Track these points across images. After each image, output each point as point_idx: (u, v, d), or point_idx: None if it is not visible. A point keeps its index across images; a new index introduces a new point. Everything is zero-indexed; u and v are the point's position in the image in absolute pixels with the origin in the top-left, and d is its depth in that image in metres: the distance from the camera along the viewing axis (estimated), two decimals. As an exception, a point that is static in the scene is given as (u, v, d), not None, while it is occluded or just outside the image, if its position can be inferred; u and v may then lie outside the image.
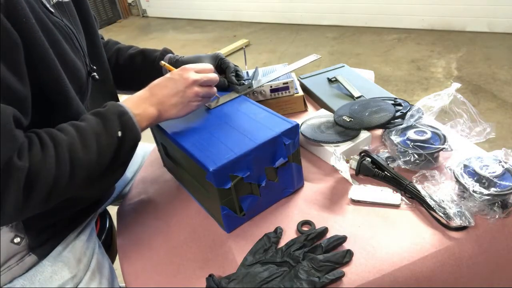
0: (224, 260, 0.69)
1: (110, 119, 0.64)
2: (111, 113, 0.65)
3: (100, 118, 0.64)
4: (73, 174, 0.58)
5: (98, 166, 0.62)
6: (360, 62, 3.24)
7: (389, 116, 0.88)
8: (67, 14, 0.72)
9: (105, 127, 0.63)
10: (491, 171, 0.69)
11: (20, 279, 0.70)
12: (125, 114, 0.66)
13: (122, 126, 0.64)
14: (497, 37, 3.31)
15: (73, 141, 0.59)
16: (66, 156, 0.57)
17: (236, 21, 4.73)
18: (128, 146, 0.66)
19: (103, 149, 0.62)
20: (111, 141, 0.63)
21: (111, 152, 0.63)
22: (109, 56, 0.95)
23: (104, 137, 0.62)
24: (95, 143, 0.61)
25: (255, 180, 0.72)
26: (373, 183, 0.80)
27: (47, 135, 0.58)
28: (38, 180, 0.54)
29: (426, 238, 0.67)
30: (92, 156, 0.60)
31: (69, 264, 0.74)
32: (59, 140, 0.58)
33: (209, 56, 0.93)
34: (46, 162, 0.55)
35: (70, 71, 0.67)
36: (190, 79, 0.73)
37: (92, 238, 0.82)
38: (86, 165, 0.60)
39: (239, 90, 0.90)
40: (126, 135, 0.65)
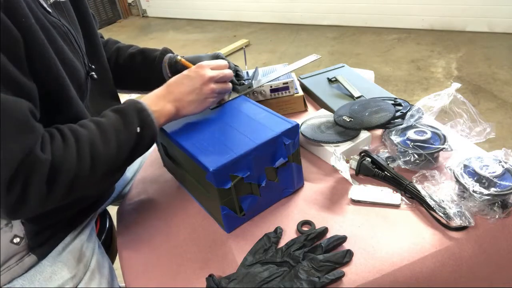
0: (224, 260, 0.69)
1: (130, 115, 0.66)
2: (131, 110, 0.67)
3: (119, 114, 0.66)
4: (94, 168, 0.60)
5: (117, 160, 0.64)
6: (360, 62, 3.24)
7: (389, 116, 0.88)
8: (64, 14, 0.72)
9: (125, 123, 0.65)
10: (491, 171, 0.69)
11: (20, 279, 0.70)
12: (143, 110, 0.67)
13: (141, 123, 0.66)
14: (497, 37, 3.31)
15: (93, 136, 0.61)
16: (87, 150, 0.59)
17: (236, 21, 4.73)
18: (146, 142, 0.67)
19: (122, 144, 0.63)
20: (130, 137, 0.65)
21: (130, 147, 0.65)
22: (108, 55, 0.95)
23: (124, 133, 0.64)
24: (114, 139, 0.63)
25: (255, 180, 0.72)
26: (373, 183, 0.80)
27: (68, 130, 0.60)
28: (61, 173, 0.55)
29: (426, 238, 0.67)
30: (112, 151, 0.62)
31: (68, 264, 0.74)
32: (80, 134, 0.60)
33: (209, 56, 0.93)
34: (68, 155, 0.57)
35: (69, 70, 0.67)
36: (207, 76, 0.75)
37: (92, 238, 0.82)
38: (106, 160, 0.61)
39: (239, 90, 0.90)
40: (144, 131, 0.66)
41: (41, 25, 0.61)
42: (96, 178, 0.61)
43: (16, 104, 0.53)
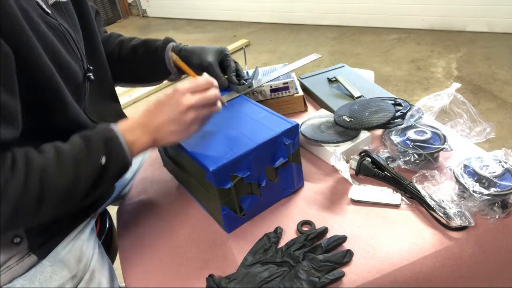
0: (224, 260, 0.69)
1: (95, 144, 0.61)
2: (98, 138, 0.62)
3: (85, 141, 0.61)
4: (42, 199, 0.56)
5: (74, 192, 0.59)
6: (360, 62, 3.24)
7: (389, 116, 0.88)
8: (64, 14, 0.71)
9: (88, 153, 0.60)
10: (491, 171, 0.69)
11: (20, 279, 0.70)
12: (113, 139, 0.62)
13: (107, 152, 0.61)
14: (497, 37, 3.31)
15: (47, 165, 0.57)
16: (36, 180, 0.55)
17: (236, 21, 4.73)
18: (113, 173, 0.63)
19: (81, 175, 0.59)
20: (92, 168, 0.60)
21: (91, 179, 0.60)
22: (111, 49, 0.94)
23: (84, 163, 0.59)
24: (72, 169, 0.58)
25: (255, 180, 0.72)
26: (373, 183, 0.80)
27: (22, 156, 0.56)
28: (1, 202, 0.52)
29: (426, 238, 0.67)
30: (66, 183, 0.58)
31: (68, 264, 0.74)
32: (32, 162, 0.56)
33: (214, 50, 0.90)
34: (13, 184, 0.53)
35: (65, 74, 0.66)
36: (184, 105, 0.66)
37: (92, 238, 0.82)
38: (59, 191, 0.57)
39: (239, 90, 0.90)
40: (111, 162, 0.61)
41: (36, 30, 0.60)
42: (46, 209, 0.57)
43: None
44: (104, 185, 0.63)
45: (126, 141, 0.64)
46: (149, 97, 3.35)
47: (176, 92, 0.67)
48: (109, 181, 0.64)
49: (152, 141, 0.67)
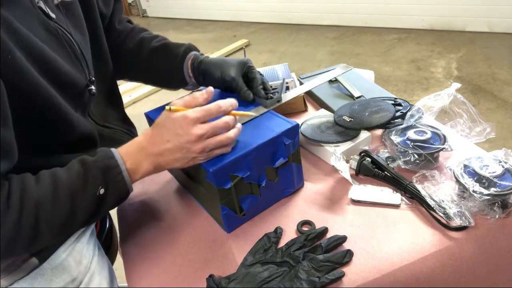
0: (224, 260, 0.69)
1: (93, 174, 0.59)
2: (96, 167, 0.60)
3: (84, 170, 0.59)
4: (37, 234, 0.56)
5: (70, 225, 0.59)
6: (360, 62, 3.24)
7: (389, 116, 0.88)
8: (70, 15, 0.70)
9: (85, 184, 0.58)
10: (491, 171, 0.69)
11: (21, 281, 0.69)
12: (112, 168, 0.61)
13: (106, 182, 0.60)
14: (497, 37, 3.31)
15: (43, 199, 0.56)
16: (31, 216, 0.55)
17: (236, 21, 4.73)
18: (111, 202, 0.62)
19: (78, 209, 0.58)
20: (90, 200, 0.59)
21: (88, 211, 0.60)
22: (132, 46, 0.91)
23: (81, 196, 0.58)
24: (68, 203, 0.57)
25: (255, 180, 0.72)
26: (373, 183, 0.80)
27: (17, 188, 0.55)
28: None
29: (426, 238, 0.67)
30: (61, 218, 0.57)
31: (69, 267, 0.74)
32: (27, 197, 0.55)
33: (236, 62, 0.83)
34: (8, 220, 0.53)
35: (66, 88, 0.65)
36: (194, 135, 0.62)
37: (92, 240, 0.82)
38: (54, 226, 0.57)
39: (267, 105, 0.81)
40: (109, 192, 0.60)
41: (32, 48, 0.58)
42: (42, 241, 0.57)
43: None
44: (103, 214, 0.63)
45: (127, 168, 0.62)
46: (150, 96, 3.35)
47: (185, 120, 0.63)
48: (107, 210, 0.63)
49: (153, 168, 0.65)
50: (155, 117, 0.83)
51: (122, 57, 0.89)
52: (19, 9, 0.59)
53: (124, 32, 0.92)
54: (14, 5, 0.58)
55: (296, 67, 3.24)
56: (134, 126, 0.94)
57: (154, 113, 0.86)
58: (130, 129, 0.92)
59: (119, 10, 0.91)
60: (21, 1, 0.60)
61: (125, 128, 0.90)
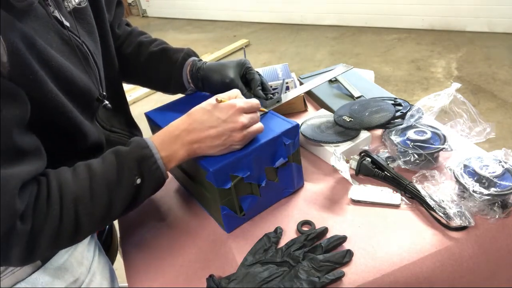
0: (224, 260, 0.69)
1: (128, 165, 0.60)
2: (131, 158, 0.60)
3: (118, 161, 0.60)
4: (79, 228, 0.57)
5: (109, 215, 0.60)
6: (360, 62, 3.24)
7: (389, 116, 0.88)
8: (83, 21, 0.70)
9: (121, 175, 0.59)
10: (491, 171, 0.69)
11: (23, 282, 0.69)
12: (147, 159, 0.61)
13: (141, 173, 0.60)
14: (497, 37, 3.31)
15: (81, 193, 0.57)
16: (71, 212, 0.56)
17: (236, 21, 4.73)
18: (148, 191, 0.63)
19: (116, 200, 0.59)
20: (127, 190, 0.60)
21: (126, 202, 0.60)
22: (130, 50, 0.91)
23: (119, 187, 0.59)
24: (106, 195, 0.58)
25: (255, 180, 0.72)
26: (373, 183, 0.80)
27: (56, 186, 0.56)
28: (41, 237, 0.54)
29: (426, 238, 0.67)
30: (101, 209, 0.58)
31: (71, 268, 0.73)
32: (66, 193, 0.56)
33: (234, 64, 0.84)
34: (50, 219, 0.54)
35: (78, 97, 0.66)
36: (240, 124, 0.65)
37: (92, 240, 0.82)
38: (94, 218, 0.58)
39: (267, 105, 0.82)
40: (146, 181, 0.61)
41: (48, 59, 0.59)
42: (84, 234, 0.59)
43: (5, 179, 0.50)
44: (140, 202, 0.64)
45: (161, 156, 0.63)
46: (150, 96, 3.35)
47: (233, 108, 0.65)
48: (144, 198, 0.64)
49: (188, 155, 0.66)
50: (155, 117, 0.83)
51: (121, 61, 0.89)
52: (37, 22, 0.59)
53: (123, 36, 0.93)
54: (32, 18, 0.58)
55: (296, 67, 3.24)
56: (139, 130, 0.94)
57: (154, 113, 0.86)
58: (135, 133, 0.92)
59: (120, 14, 0.91)
60: (38, 13, 0.60)
61: (131, 132, 0.90)
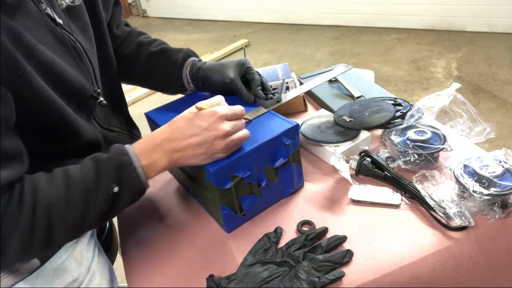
0: (224, 260, 0.69)
1: (106, 172, 0.58)
2: (109, 165, 0.59)
3: (96, 168, 0.58)
4: (50, 235, 0.55)
5: (84, 224, 0.58)
6: (360, 62, 3.24)
7: (389, 116, 0.88)
8: (77, 19, 0.70)
9: (98, 182, 0.58)
10: (491, 171, 0.69)
11: (22, 282, 0.69)
12: (125, 166, 0.59)
13: (119, 180, 0.59)
14: (497, 37, 3.31)
15: (55, 199, 0.55)
16: (43, 217, 0.54)
17: (236, 21, 4.73)
18: (126, 200, 0.61)
19: (90, 207, 0.57)
20: (103, 198, 0.58)
21: (101, 210, 0.59)
22: (130, 50, 0.91)
23: (94, 194, 0.57)
24: (81, 202, 0.56)
25: (255, 180, 0.72)
26: (373, 183, 0.80)
27: (29, 190, 0.55)
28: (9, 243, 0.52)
29: (426, 238, 0.67)
30: (75, 217, 0.56)
31: (70, 268, 0.73)
32: (40, 198, 0.54)
33: (234, 64, 0.83)
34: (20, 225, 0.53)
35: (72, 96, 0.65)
36: (222, 131, 0.63)
37: (92, 240, 0.82)
38: (67, 226, 0.57)
39: (267, 105, 0.82)
40: (124, 189, 0.59)
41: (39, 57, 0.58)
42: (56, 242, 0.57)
43: None
44: (117, 212, 0.62)
45: (141, 165, 0.61)
46: (150, 97, 3.35)
47: (215, 115, 0.63)
48: (122, 208, 0.62)
49: (169, 164, 0.64)
50: (155, 117, 0.83)
51: (120, 61, 0.89)
52: (28, 18, 0.59)
53: (122, 36, 0.92)
54: (23, 14, 0.58)
55: (296, 67, 3.24)
56: (138, 129, 0.94)
57: (154, 113, 0.86)
58: (134, 132, 0.92)
59: (118, 14, 0.90)
60: (30, 9, 0.59)
61: (130, 131, 0.90)
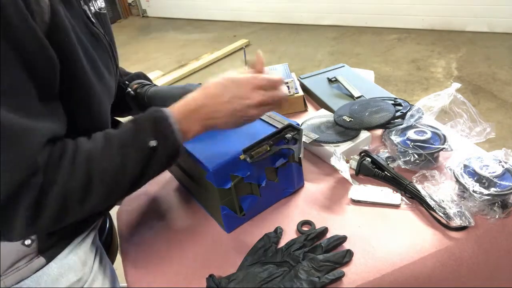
0: (224, 260, 0.69)
1: (143, 126, 0.58)
2: (146, 119, 0.59)
3: (133, 124, 0.59)
4: (89, 187, 0.54)
5: (121, 178, 0.57)
6: (360, 62, 3.24)
7: (389, 116, 0.88)
8: (104, 25, 0.72)
9: (135, 135, 0.58)
10: (491, 171, 0.69)
11: (27, 280, 0.69)
12: (162, 120, 0.59)
13: (156, 134, 0.58)
14: (497, 37, 3.31)
15: (95, 150, 0.55)
16: (83, 166, 0.54)
17: (236, 21, 4.73)
18: (161, 158, 0.59)
19: (129, 160, 0.56)
20: (141, 152, 0.57)
21: (138, 163, 0.57)
22: None
23: (132, 147, 0.57)
24: (119, 154, 0.56)
25: (255, 180, 0.72)
26: (373, 183, 0.80)
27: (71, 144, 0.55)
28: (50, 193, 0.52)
29: (426, 238, 0.67)
30: (114, 168, 0.56)
31: (75, 267, 0.73)
32: (80, 149, 0.55)
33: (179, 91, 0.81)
34: (60, 172, 0.52)
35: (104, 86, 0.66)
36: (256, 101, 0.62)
37: (96, 240, 0.82)
38: (105, 177, 0.55)
39: None
40: (160, 145, 0.58)
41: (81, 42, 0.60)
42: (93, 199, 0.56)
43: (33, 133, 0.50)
44: (152, 172, 0.60)
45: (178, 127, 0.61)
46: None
47: (251, 84, 0.62)
48: (157, 167, 0.60)
49: (204, 130, 0.64)
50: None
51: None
52: (72, 9, 0.60)
53: None
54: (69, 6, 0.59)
55: (296, 67, 3.24)
56: None
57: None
58: None
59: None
60: (72, 2, 0.61)
61: None
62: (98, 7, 0.72)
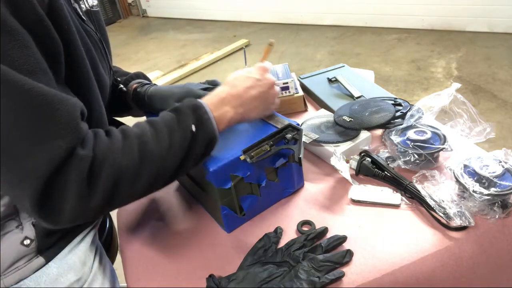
0: (224, 260, 0.69)
1: (184, 112, 0.62)
2: (186, 107, 0.63)
3: (174, 112, 0.63)
4: (142, 166, 0.56)
5: (168, 162, 0.59)
6: (360, 62, 3.24)
7: (389, 116, 0.88)
8: (95, 23, 0.72)
9: (179, 121, 0.61)
10: (491, 171, 0.69)
11: (27, 280, 0.69)
12: (200, 108, 0.63)
13: (196, 121, 0.62)
14: (497, 37, 3.31)
15: (144, 133, 0.58)
16: (135, 146, 0.56)
17: (236, 21, 4.73)
18: (201, 142, 0.63)
19: (176, 143, 0.60)
20: (185, 136, 0.61)
21: (183, 148, 0.61)
22: None
23: (177, 131, 0.60)
24: (167, 136, 0.59)
25: (255, 180, 0.72)
26: (373, 183, 0.80)
27: (115, 129, 0.58)
28: (102, 169, 0.52)
29: (426, 238, 0.67)
30: (163, 150, 0.58)
31: (74, 267, 0.73)
32: (128, 132, 0.57)
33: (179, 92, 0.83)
34: (113, 149, 0.54)
35: (99, 81, 0.67)
36: (271, 80, 0.74)
37: (95, 240, 0.82)
38: (156, 158, 0.57)
39: None
40: (199, 131, 0.62)
41: (79, 33, 0.62)
42: (142, 181, 0.56)
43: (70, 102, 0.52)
44: (194, 156, 0.63)
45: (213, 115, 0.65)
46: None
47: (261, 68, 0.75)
48: (199, 151, 0.63)
49: (235, 117, 0.69)
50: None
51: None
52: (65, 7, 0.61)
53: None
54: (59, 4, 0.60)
55: (296, 67, 3.24)
56: None
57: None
58: None
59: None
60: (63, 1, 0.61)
61: None
62: (90, 4, 0.73)
